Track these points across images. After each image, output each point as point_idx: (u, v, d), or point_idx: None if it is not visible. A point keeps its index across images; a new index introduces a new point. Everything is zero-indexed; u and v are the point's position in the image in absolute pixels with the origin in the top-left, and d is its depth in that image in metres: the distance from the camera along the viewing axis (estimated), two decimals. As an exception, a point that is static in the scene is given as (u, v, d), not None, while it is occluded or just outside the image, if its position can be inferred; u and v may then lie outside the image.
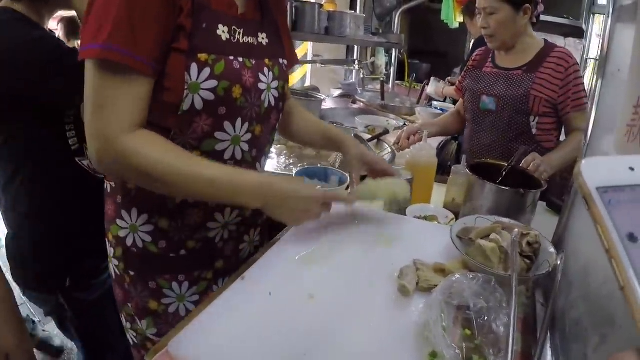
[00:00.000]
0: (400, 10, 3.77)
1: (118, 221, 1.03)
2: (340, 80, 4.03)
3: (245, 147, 1.01)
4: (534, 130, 1.75)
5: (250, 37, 0.98)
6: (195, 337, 0.76)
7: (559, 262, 0.90)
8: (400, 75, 4.25)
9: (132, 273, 1.05)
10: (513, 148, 1.62)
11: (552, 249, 0.95)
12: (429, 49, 4.77)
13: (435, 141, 2.58)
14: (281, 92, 1.07)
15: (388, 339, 0.78)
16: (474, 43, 2.89)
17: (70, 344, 2.39)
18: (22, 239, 1.30)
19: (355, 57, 3.91)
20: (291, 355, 0.74)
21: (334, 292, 0.90)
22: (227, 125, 0.95)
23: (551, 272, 0.90)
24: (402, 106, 3.20)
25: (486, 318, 0.77)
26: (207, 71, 0.87)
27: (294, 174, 1.52)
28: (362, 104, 3.29)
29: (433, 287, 0.88)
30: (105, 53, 0.78)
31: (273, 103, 1.05)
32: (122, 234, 1.03)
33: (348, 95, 3.50)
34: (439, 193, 1.49)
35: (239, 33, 0.95)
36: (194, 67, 0.86)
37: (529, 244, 0.93)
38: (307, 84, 4.29)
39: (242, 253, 1.18)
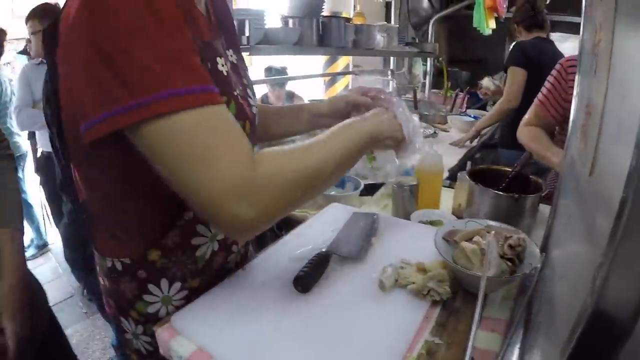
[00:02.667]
0: (434, 19, 3.76)
1: (145, 297, 0.90)
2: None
3: None
4: None
5: (228, 63, 0.87)
6: (195, 315, 0.88)
7: (539, 265, 0.91)
8: (440, 84, 4.24)
9: None
10: None
11: (537, 252, 0.95)
12: (468, 57, 4.71)
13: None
14: None
15: (367, 327, 0.85)
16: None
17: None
18: (72, 225, 1.50)
19: (390, 67, 3.94)
20: (278, 338, 0.82)
21: (323, 286, 0.97)
22: None
23: (532, 275, 0.91)
24: (436, 114, 3.19)
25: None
26: None
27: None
28: (395, 113, 3.30)
29: (411, 283, 0.93)
30: (203, 97, 0.63)
31: None
32: (151, 309, 0.91)
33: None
34: (450, 199, 1.51)
35: (225, 59, 0.84)
36: None
37: (510, 246, 0.94)
38: (349, 94, 4.34)
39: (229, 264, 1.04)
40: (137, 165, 0.70)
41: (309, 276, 0.96)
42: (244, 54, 1.90)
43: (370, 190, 1.71)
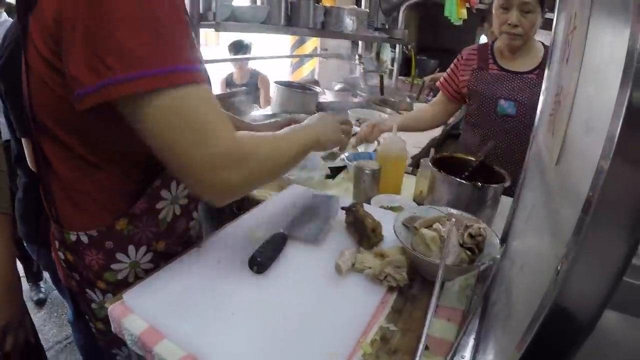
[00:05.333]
0: (405, 5, 3.73)
1: (113, 266, 0.92)
2: (345, 74, 4.01)
3: None
4: None
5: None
6: (149, 293, 0.85)
7: (498, 256, 0.90)
8: (408, 71, 4.22)
9: None
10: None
11: (497, 242, 0.95)
12: (437, 45, 4.71)
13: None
14: None
15: (322, 311, 0.84)
16: None
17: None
18: (27, 199, 1.47)
19: (359, 52, 3.89)
20: (231, 318, 0.80)
21: (279, 267, 0.95)
22: None
23: (491, 266, 0.90)
24: (401, 101, 3.18)
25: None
26: None
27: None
28: (362, 98, 3.28)
29: (367, 268, 0.92)
30: (191, 75, 0.66)
31: None
32: (120, 276, 0.94)
33: (349, 89, 3.49)
34: (412, 185, 1.50)
35: None
36: None
37: (470, 235, 0.93)
38: (316, 76, 4.30)
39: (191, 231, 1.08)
40: (117, 136, 0.76)
41: (265, 257, 0.93)
42: (209, 30, 1.85)
43: (332, 173, 1.69)
